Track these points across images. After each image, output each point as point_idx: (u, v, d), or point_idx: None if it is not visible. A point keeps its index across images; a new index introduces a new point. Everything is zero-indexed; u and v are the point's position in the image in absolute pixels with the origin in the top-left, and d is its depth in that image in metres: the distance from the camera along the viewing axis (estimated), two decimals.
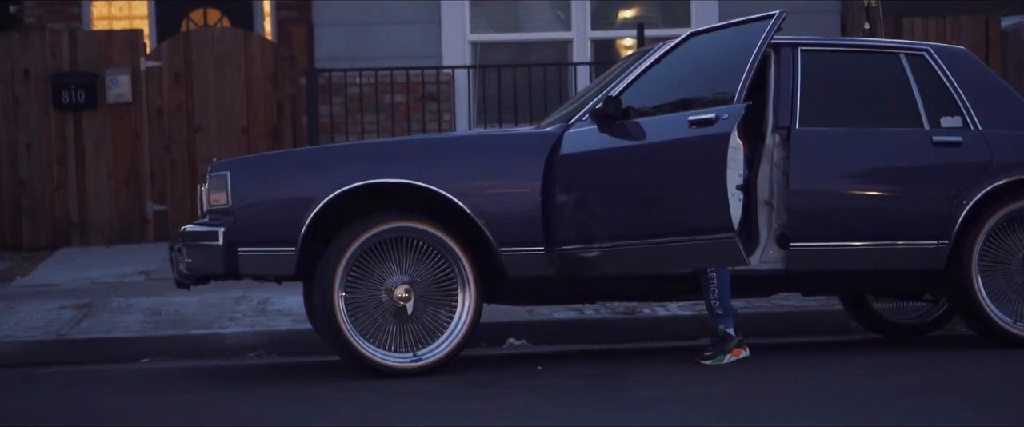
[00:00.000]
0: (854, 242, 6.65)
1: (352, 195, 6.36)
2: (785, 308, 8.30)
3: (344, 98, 11.47)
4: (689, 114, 6.35)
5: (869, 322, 7.78)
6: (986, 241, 6.77)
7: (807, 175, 6.65)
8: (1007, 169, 6.79)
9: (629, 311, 8.33)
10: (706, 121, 6.26)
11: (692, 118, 6.32)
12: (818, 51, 6.89)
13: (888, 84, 6.92)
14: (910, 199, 6.73)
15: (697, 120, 6.29)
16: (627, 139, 6.45)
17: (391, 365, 6.37)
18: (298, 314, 8.50)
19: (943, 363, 6.49)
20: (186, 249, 6.42)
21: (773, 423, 5.00)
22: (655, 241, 6.29)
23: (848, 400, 5.52)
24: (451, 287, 6.45)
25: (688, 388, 5.91)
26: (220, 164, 6.56)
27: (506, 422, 5.21)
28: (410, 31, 11.66)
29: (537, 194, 6.46)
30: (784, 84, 6.74)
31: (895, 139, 6.83)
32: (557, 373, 6.50)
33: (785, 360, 6.80)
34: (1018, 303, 6.83)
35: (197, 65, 12.02)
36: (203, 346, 8.07)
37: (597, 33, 11.96)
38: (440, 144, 6.68)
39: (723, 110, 6.26)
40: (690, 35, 6.82)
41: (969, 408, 5.22)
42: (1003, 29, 12.13)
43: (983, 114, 6.89)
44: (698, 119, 6.29)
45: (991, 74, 7.11)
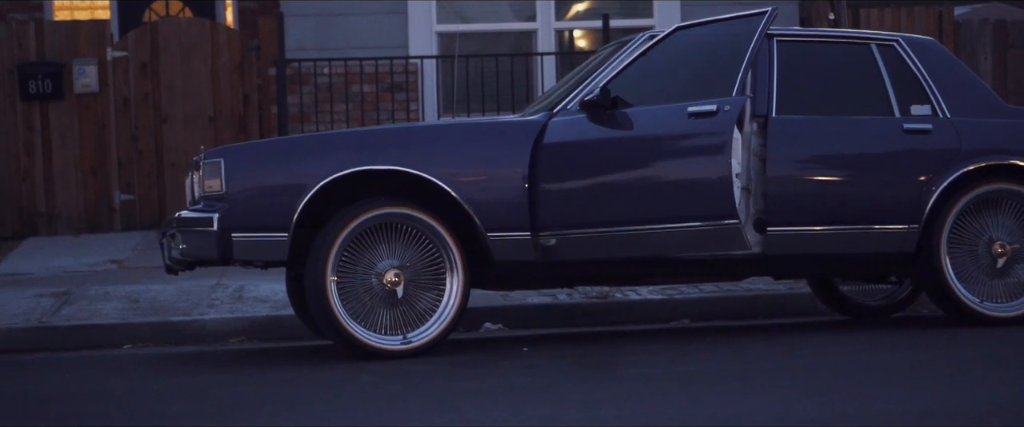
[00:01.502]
0: (829, 226, 6.87)
1: (343, 182, 6.51)
2: (754, 292, 8.52)
3: (314, 88, 11.57)
4: (689, 105, 6.58)
5: (836, 304, 8.01)
6: (954, 224, 7.01)
7: (783, 162, 6.86)
8: (974, 155, 7.03)
9: (602, 295, 8.53)
10: (707, 112, 6.48)
11: (692, 109, 6.55)
12: (793, 42, 7.11)
13: (860, 73, 7.15)
14: (882, 184, 6.96)
15: (698, 111, 6.52)
16: (620, 128, 6.64)
17: (382, 347, 6.52)
18: (276, 301, 8.63)
19: (917, 340, 6.73)
20: (181, 234, 6.53)
21: (770, 394, 5.20)
22: (654, 227, 6.51)
23: (834, 373, 5.74)
24: (439, 271, 6.61)
25: (676, 366, 6.11)
26: (213, 151, 6.68)
27: (508, 399, 5.37)
28: (377, 21, 11.78)
29: (523, 181, 6.64)
30: (761, 74, 6.95)
31: (868, 127, 7.06)
32: (544, 354, 6.68)
33: (762, 340, 7.02)
34: (985, 283, 7.08)
35: (164, 55, 12.09)
36: (184, 332, 8.19)
37: (562, 24, 12.13)
38: (429, 132, 6.84)
39: (725, 101, 6.51)
40: (676, 29, 7.00)
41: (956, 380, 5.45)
42: (956, 19, 12.41)
43: (951, 102, 7.14)
44: (699, 111, 6.52)
45: (958, 63, 7.36)
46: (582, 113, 6.71)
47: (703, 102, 6.56)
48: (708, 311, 8.41)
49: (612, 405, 5.15)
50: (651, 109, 6.70)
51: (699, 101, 6.60)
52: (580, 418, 4.93)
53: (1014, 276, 7.10)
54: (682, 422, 4.76)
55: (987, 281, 7.07)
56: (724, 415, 4.86)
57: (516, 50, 12.00)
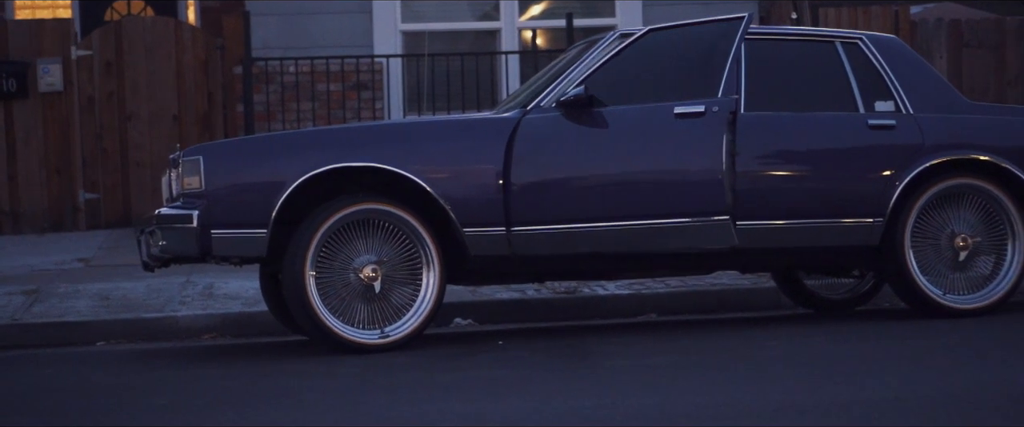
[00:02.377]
0: (796, 220, 7.03)
1: (321, 178, 6.60)
2: (719, 286, 8.67)
3: (280, 86, 11.64)
4: (675, 106, 6.78)
5: (801, 298, 8.18)
6: (918, 218, 7.19)
7: (752, 157, 7.02)
8: (937, 150, 7.21)
9: (570, 291, 8.65)
10: (695, 113, 6.70)
11: (680, 110, 6.76)
12: (761, 40, 7.27)
13: (826, 71, 7.32)
14: (848, 179, 7.13)
15: (685, 112, 6.75)
16: (601, 127, 6.80)
17: (360, 341, 6.63)
18: (247, 297, 8.70)
19: (883, 332, 6.90)
20: (161, 231, 6.60)
21: (745, 384, 5.34)
22: (642, 222, 6.68)
23: (805, 363, 5.89)
24: (416, 267, 6.71)
25: (651, 357, 6.24)
26: (192, 149, 6.76)
27: (490, 390, 5.49)
28: (342, 21, 11.87)
29: (498, 177, 6.76)
30: (731, 70, 7.09)
31: (833, 123, 7.23)
32: (519, 347, 6.80)
33: (732, 332, 7.17)
34: (947, 276, 7.26)
35: (128, 54, 12.11)
36: (157, 329, 8.25)
37: (525, 23, 12.26)
38: (406, 129, 6.94)
39: (713, 102, 6.76)
40: (650, 30, 7.14)
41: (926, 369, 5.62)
42: (912, 18, 12.63)
43: (914, 98, 7.31)
44: (686, 111, 6.75)
45: (921, 61, 7.54)
46: (558, 111, 6.84)
47: (690, 103, 6.78)
48: (674, 305, 8.56)
49: (592, 395, 5.28)
50: (634, 108, 6.87)
51: (686, 102, 6.81)
52: (562, 408, 5.05)
53: (975, 269, 7.28)
54: (662, 411, 4.89)
55: (949, 274, 7.25)
56: (702, 404, 5.00)
57: (478, 49, 12.11)
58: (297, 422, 4.96)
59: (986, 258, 7.29)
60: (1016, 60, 12.86)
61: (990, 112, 7.53)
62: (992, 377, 5.39)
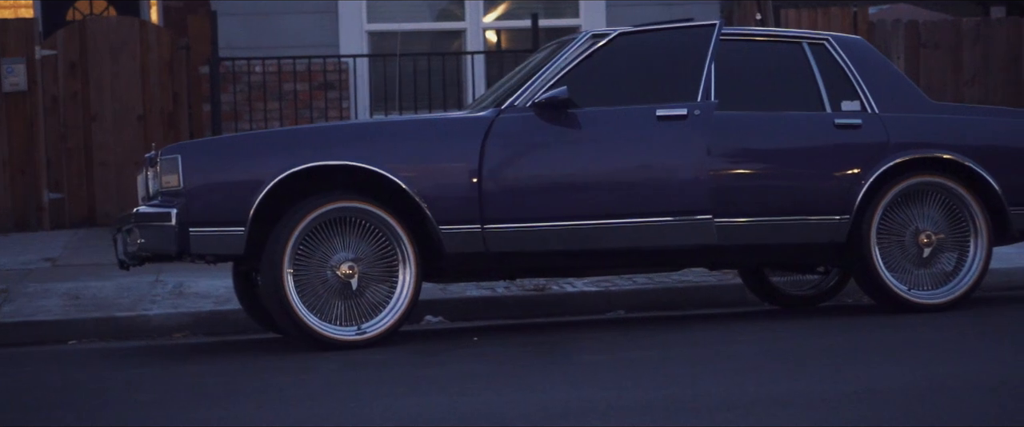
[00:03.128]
0: (766, 217, 7.17)
1: (298, 177, 6.67)
2: (685, 283, 8.80)
3: (248, 86, 11.68)
4: (656, 108, 6.95)
5: (766, 294, 8.32)
6: (883, 215, 7.33)
7: (727, 157, 7.15)
8: (901, 149, 7.36)
9: (539, 288, 8.76)
10: (678, 116, 6.89)
11: (662, 113, 6.93)
12: (731, 40, 7.40)
13: (793, 71, 7.46)
14: (816, 177, 7.26)
15: (667, 115, 6.94)
16: (579, 128, 6.92)
17: (337, 338, 6.70)
18: (218, 296, 8.75)
19: (850, 326, 7.03)
20: (139, 229, 6.65)
21: (719, 376, 5.45)
22: (623, 221, 6.83)
23: (777, 357, 6.01)
24: (392, 264, 6.79)
25: (625, 352, 6.35)
26: (170, 148, 6.81)
27: (470, 384, 5.58)
28: (308, 20, 11.92)
29: (473, 175, 6.85)
30: (701, 69, 7.22)
31: (801, 122, 7.37)
32: (494, 343, 6.90)
33: (703, 328, 7.29)
34: (912, 272, 7.41)
35: (93, 54, 12.12)
36: (129, 327, 8.29)
37: (490, 23, 12.35)
38: (382, 128, 7.02)
39: (694, 106, 6.96)
40: (620, 34, 7.25)
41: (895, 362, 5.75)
42: (870, 19, 12.82)
43: (879, 98, 7.46)
44: (669, 114, 6.94)
45: (885, 61, 7.69)
46: (532, 111, 6.95)
47: (672, 106, 6.95)
48: (642, 302, 8.68)
49: (571, 388, 5.38)
50: (615, 110, 7.02)
51: (668, 105, 6.98)
52: (541, 401, 5.14)
53: (939, 265, 7.44)
54: (640, 403, 4.98)
55: (914, 270, 7.40)
56: (681, 396, 5.10)
57: (441, 49, 12.19)
58: (282, 417, 5.03)
59: (949, 254, 7.44)
60: (972, 60, 13.08)
61: (953, 112, 7.69)
62: (963, 368, 5.52)
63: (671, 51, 7.17)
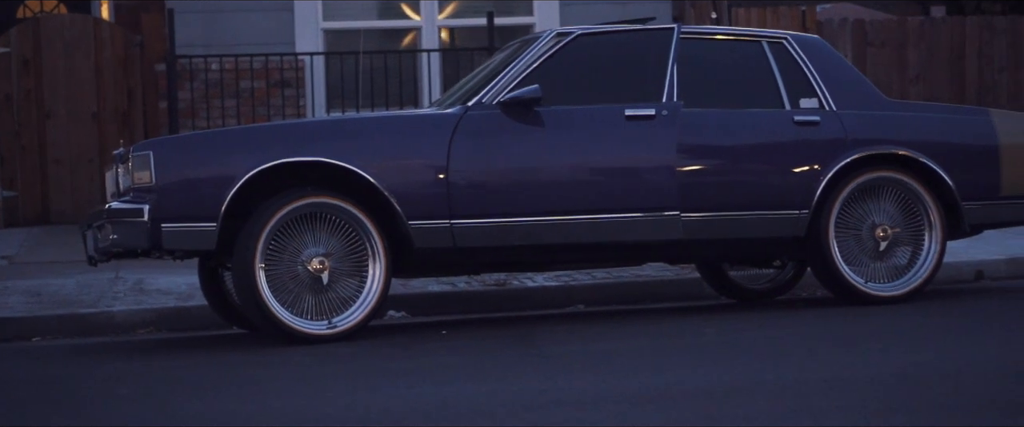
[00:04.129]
0: (730, 212, 7.33)
1: (269, 173, 6.74)
2: (643, 278, 8.94)
3: (204, 84, 11.70)
4: (625, 108, 7.12)
5: (723, 288, 8.48)
6: (841, 210, 7.51)
7: (691, 153, 7.30)
8: (858, 145, 7.54)
9: (500, 283, 8.87)
10: (646, 116, 7.08)
11: (630, 113, 7.10)
12: (691, 39, 7.56)
13: (753, 69, 7.62)
14: (777, 173, 7.43)
15: (636, 115, 7.12)
16: (546, 126, 7.04)
17: (309, 332, 6.78)
18: (179, 292, 8.79)
19: (810, 318, 7.20)
20: (111, 225, 6.70)
21: (690, 367, 5.58)
22: (593, 217, 6.99)
23: (743, 348, 6.16)
24: (362, 259, 6.88)
25: (594, 343, 6.48)
26: (142, 144, 6.86)
27: (445, 375, 5.67)
28: (264, 18, 11.95)
29: (441, 171, 6.96)
30: (663, 68, 7.38)
31: (762, 119, 7.53)
32: (465, 336, 7.01)
33: (668, 321, 7.44)
34: (868, 265, 7.59)
35: (46, 51, 12.10)
36: (93, 324, 8.31)
37: (445, 21, 12.44)
38: (352, 124, 7.11)
39: (662, 106, 7.16)
40: (580, 34, 7.38)
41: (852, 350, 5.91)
42: (818, 18, 13.03)
43: (836, 96, 7.64)
44: (637, 114, 7.13)
45: (842, 60, 7.86)
46: (499, 108, 7.06)
47: (641, 106, 7.14)
48: (601, 296, 8.81)
49: (547, 378, 5.49)
50: (584, 109, 7.16)
51: (636, 105, 7.16)
52: (517, 390, 5.25)
53: (894, 258, 7.62)
54: (615, 391, 5.10)
55: (870, 263, 7.58)
56: (658, 385, 5.23)
57: (394, 48, 12.27)
58: (265, 408, 5.11)
59: (905, 248, 7.63)
60: (917, 59, 13.33)
61: (907, 109, 7.88)
62: (922, 357, 5.69)
63: (635, 51, 7.34)
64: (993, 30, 13.56)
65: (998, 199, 7.76)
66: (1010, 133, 7.85)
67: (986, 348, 5.94)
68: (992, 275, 9.31)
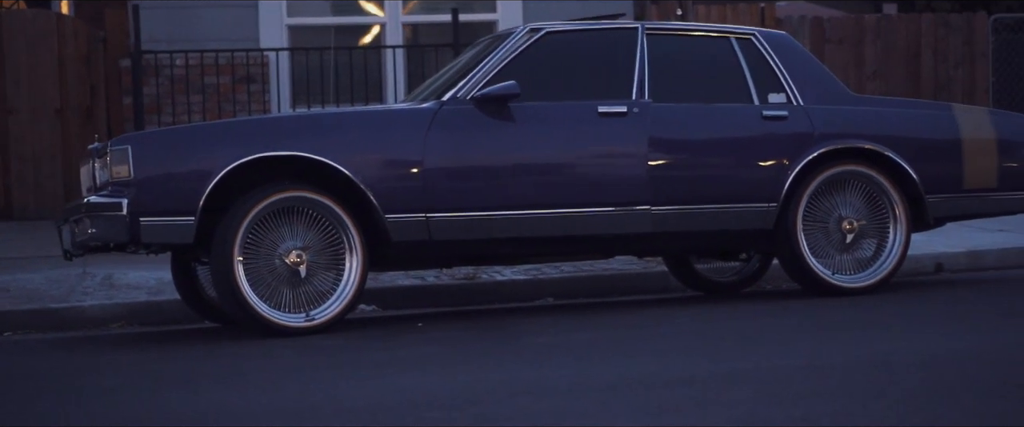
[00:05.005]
0: (701, 206, 7.45)
1: (247, 167, 6.80)
2: (611, 271, 9.05)
3: (169, 79, 11.71)
4: (598, 105, 7.25)
5: (690, 281, 8.61)
6: (808, 203, 7.65)
7: (661, 148, 7.42)
8: (825, 139, 7.68)
9: (469, 277, 8.95)
10: (618, 113, 7.21)
11: (603, 109, 7.23)
12: (661, 35, 7.67)
13: (722, 64, 7.75)
14: (746, 167, 7.56)
15: (608, 112, 7.25)
16: (518, 120, 7.13)
17: (286, 325, 6.84)
18: (149, 287, 8.82)
19: (781, 309, 7.33)
20: (90, 219, 6.73)
21: (667, 355, 5.69)
22: (567, 211, 7.11)
23: (718, 337, 6.27)
24: (339, 252, 6.95)
25: (571, 334, 6.57)
26: (120, 139, 6.89)
27: (428, 366, 5.75)
28: (228, 14, 11.98)
29: (418, 165, 7.04)
30: (634, 64, 7.50)
31: (731, 114, 7.65)
32: (441, 328, 7.09)
33: (641, 312, 7.54)
34: (835, 258, 7.73)
35: (9, 46, 12.06)
36: (64, 319, 8.33)
37: (409, 17, 12.50)
38: (330, 119, 7.17)
39: (634, 103, 7.31)
40: (547, 33, 7.48)
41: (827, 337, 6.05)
42: (776, 15, 13.19)
43: (804, 91, 7.78)
44: (610, 111, 7.26)
45: (809, 55, 8.00)
46: (473, 104, 7.15)
47: (614, 103, 7.29)
48: (570, 289, 8.92)
49: (530, 367, 5.58)
50: (558, 105, 7.25)
51: (609, 101, 7.31)
52: (500, 378, 5.33)
53: (861, 251, 7.77)
54: (602, 379, 5.20)
55: (837, 255, 7.73)
56: (639, 372, 5.33)
57: (356, 44, 12.32)
58: (255, 399, 5.16)
59: (870, 240, 7.78)
60: (874, 55, 13.52)
61: (872, 104, 8.03)
62: (893, 346, 5.83)
63: (607, 47, 7.47)
64: (948, 27, 13.77)
65: (961, 192, 7.93)
66: (972, 128, 8.02)
67: (956, 336, 6.08)
68: (951, 267, 9.49)
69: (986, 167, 7.97)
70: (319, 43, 12.12)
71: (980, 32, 13.84)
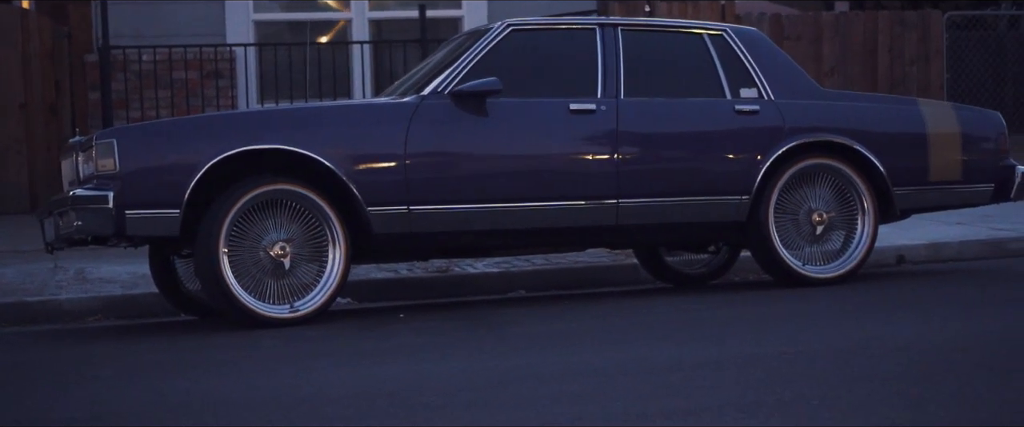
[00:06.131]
0: (675, 198, 7.60)
1: (231, 160, 6.88)
2: (581, 264, 9.18)
3: (138, 75, 11.74)
4: (570, 102, 7.43)
5: (659, 273, 8.76)
6: (779, 196, 7.82)
7: (633, 142, 7.56)
8: (796, 133, 7.86)
9: (441, 270, 9.06)
10: (587, 110, 7.40)
11: (574, 107, 7.42)
12: (636, 31, 7.82)
13: (695, 60, 7.90)
14: (719, 160, 7.72)
15: (579, 109, 7.42)
16: (494, 115, 7.27)
17: (271, 316, 6.93)
18: (123, 281, 8.86)
19: (756, 299, 7.49)
20: (76, 212, 6.78)
21: (651, 344, 5.82)
22: (538, 204, 7.29)
23: (698, 326, 6.42)
24: (322, 244, 7.05)
25: (553, 324, 6.70)
26: (105, 132, 6.95)
27: (417, 354, 5.86)
28: (194, 9, 12.02)
29: (400, 158, 7.14)
30: (609, 60, 7.65)
31: (704, 108, 7.81)
32: (423, 319, 7.20)
33: (618, 303, 7.68)
34: (805, 249, 7.92)
35: None
36: (41, 312, 8.36)
37: (375, 13, 12.58)
38: (313, 113, 7.26)
39: (602, 101, 7.49)
40: (524, 29, 7.61)
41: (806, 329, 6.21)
42: (736, 12, 13.37)
43: (774, 86, 7.95)
44: (580, 108, 7.43)
45: (779, 51, 8.18)
46: (451, 99, 7.27)
47: (585, 100, 7.46)
48: (541, 282, 9.04)
49: (518, 355, 5.71)
50: (529, 102, 7.41)
51: (580, 99, 7.47)
52: (487, 366, 5.45)
53: (830, 242, 7.95)
54: (589, 366, 5.33)
55: (807, 247, 7.90)
56: (625, 359, 5.47)
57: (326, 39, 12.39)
58: (251, 386, 5.26)
59: (839, 232, 7.96)
60: (832, 52, 13.74)
61: (841, 98, 8.21)
62: (869, 333, 6.00)
63: (581, 43, 7.62)
64: (904, 25, 14.02)
65: (926, 184, 8.13)
66: (937, 122, 8.22)
67: (927, 324, 6.26)
68: (913, 259, 9.69)
69: (951, 160, 8.17)
70: (285, 39, 12.18)
71: (935, 29, 14.10)
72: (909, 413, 4.27)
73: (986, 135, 8.34)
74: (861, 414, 4.28)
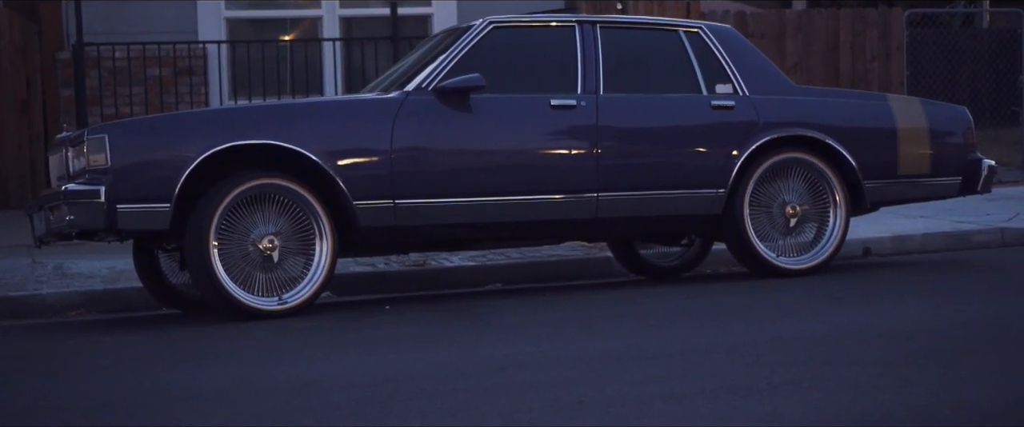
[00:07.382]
0: (652, 192, 7.77)
1: (221, 155, 6.98)
2: (556, 257, 9.33)
3: (112, 71, 11.78)
4: (551, 98, 7.60)
5: (633, 266, 8.93)
6: (754, 189, 8.00)
7: (612, 137, 7.73)
8: (770, 128, 8.04)
9: (419, 264, 9.18)
10: (568, 106, 7.57)
11: (555, 103, 7.58)
12: (614, 28, 7.98)
13: (672, 57, 8.07)
14: (696, 154, 7.89)
15: (560, 105, 7.58)
16: (478, 110, 7.41)
17: (260, 308, 7.04)
18: (103, 276, 8.93)
19: (733, 290, 7.67)
20: (68, 207, 6.87)
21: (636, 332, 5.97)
22: (520, 198, 7.45)
23: (680, 315, 6.59)
24: (309, 238, 7.16)
25: (538, 315, 6.85)
26: (96, 127, 7.04)
27: (407, 344, 5.99)
28: (165, 7, 12.07)
29: (386, 153, 7.27)
30: (589, 56, 7.81)
31: (682, 104, 7.99)
32: (409, 311, 7.33)
33: (599, 295, 7.83)
34: (779, 241, 8.10)
35: None
36: (24, 306, 8.41)
37: (346, 11, 12.68)
38: (301, 109, 7.37)
39: (582, 97, 7.65)
40: (494, 28, 7.75)
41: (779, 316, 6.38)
42: (702, 10, 13.56)
43: (749, 82, 8.13)
44: (561, 104, 7.59)
45: (753, 48, 8.36)
46: (435, 95, 7.41)
47: (565, 96, 7.63)
48: (517, 275, 9.18)
49: (505, 344, 5.84)
50: (511, 98, 7.56)
51: (561, 95, 7.64)
52: (479, 354, 5.59)
53: (803, 234, 8.14)
54: (577, 354, 5.47)
55: (781, 239, 8.09)
56: (614, 348, 5.61)
57: (297, 36, 12.47)
58: (249, 375, 5.37)
59: (811, 224, 8.16)
60: (795, 49, 13.96)
61: (814, 94, 8.41)
62: (850, 319, 6.18)
63: (561, 40, 7.79)
64: (865, 22, 14.26)
65: (896, 177, 8.34)
66: (906, 117, 8.43)
67: (903, 312, 6.45)
68: (878, 251, 9.91)
69: (919, 154, 8.38)
70: (257, 36, 12.26)
71: (896, 27, 14.35)
72: (898, 394, 4.44)
73: (953, 129, 8.56)
74: (851, 394, 4.45)
